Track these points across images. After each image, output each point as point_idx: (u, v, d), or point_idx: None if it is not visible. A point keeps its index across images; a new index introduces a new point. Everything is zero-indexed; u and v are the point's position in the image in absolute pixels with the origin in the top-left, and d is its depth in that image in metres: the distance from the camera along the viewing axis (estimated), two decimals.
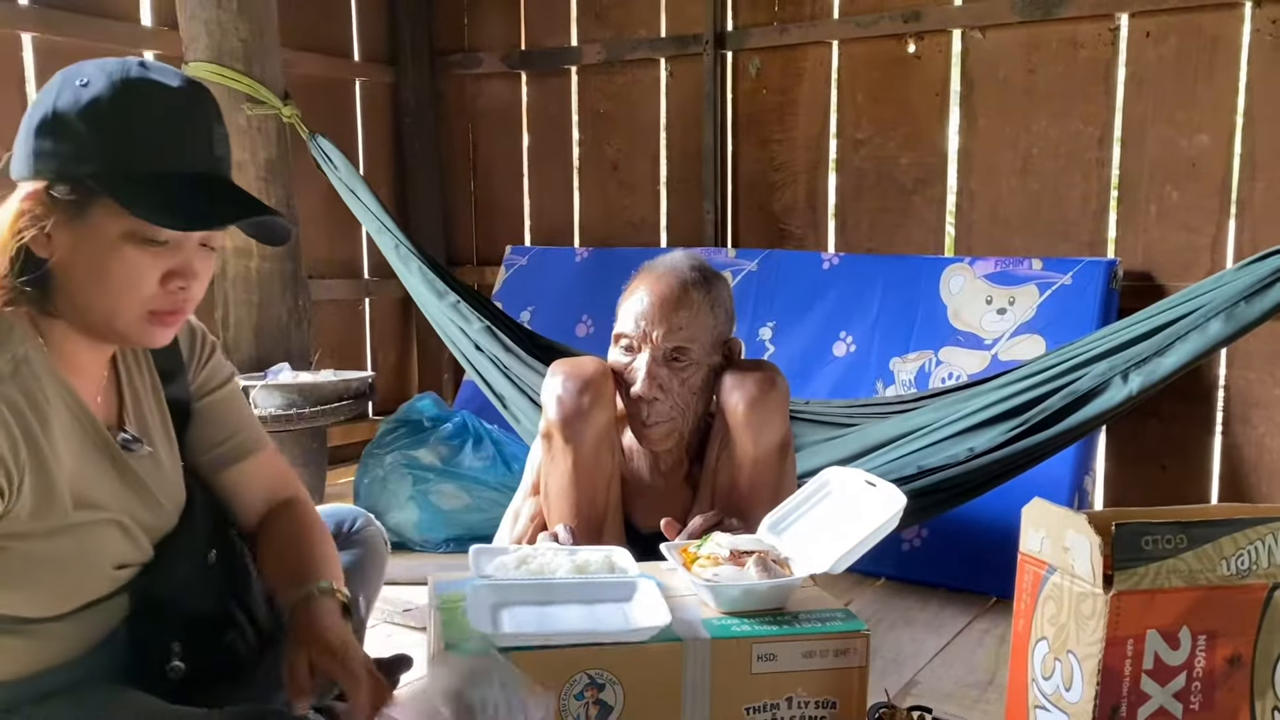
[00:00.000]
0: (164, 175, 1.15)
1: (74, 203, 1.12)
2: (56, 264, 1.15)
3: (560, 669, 1.30)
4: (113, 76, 1.15)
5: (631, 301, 1.82)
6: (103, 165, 1.12)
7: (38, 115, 1.15)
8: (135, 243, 1.14)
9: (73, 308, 1.17)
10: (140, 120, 1.15)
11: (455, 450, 2.86)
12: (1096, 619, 1.21)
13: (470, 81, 4.03)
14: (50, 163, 1.13)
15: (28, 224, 1.13)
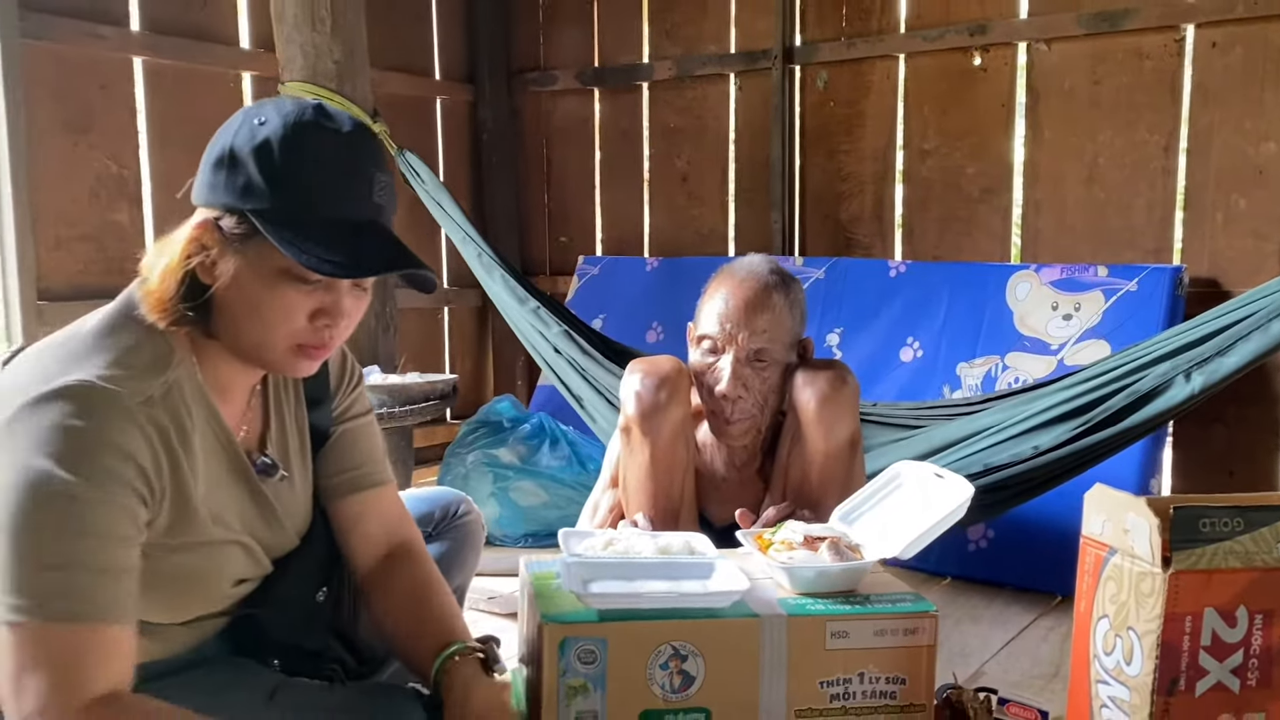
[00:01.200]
0: (324, 220, 1.18)
1: (239, 236, 1.17)
2: (218, 291, 1.19)
3: (647, 639, 1.39)
4: (287, 119, 1.19)
5: (714, 303, 1.91)
6: (267, 204, 1.16)
7: (216, 149, 1.21)
8: (289, 280, 1.19)
9: (228, 333, 1.22)
10: (307, 165, 1.18)
11: (533, 450, 2.98)
12: (1155, 597, 1.28)
13: (545, 98, 4.17)
14: (222, 195, 1.18)
15: (196, 250, 1.18)
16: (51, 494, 1.06)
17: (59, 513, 1.07)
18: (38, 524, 1.06)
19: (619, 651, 1.38)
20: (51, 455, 1.07)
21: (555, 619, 1.37)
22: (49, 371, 1.13)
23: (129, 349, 1.18)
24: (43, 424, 1.09)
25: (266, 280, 1.18)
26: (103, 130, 3.04)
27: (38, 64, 2.87)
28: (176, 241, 1.21)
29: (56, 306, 2.91)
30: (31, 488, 1.06)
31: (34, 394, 1.11)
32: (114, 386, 1.13)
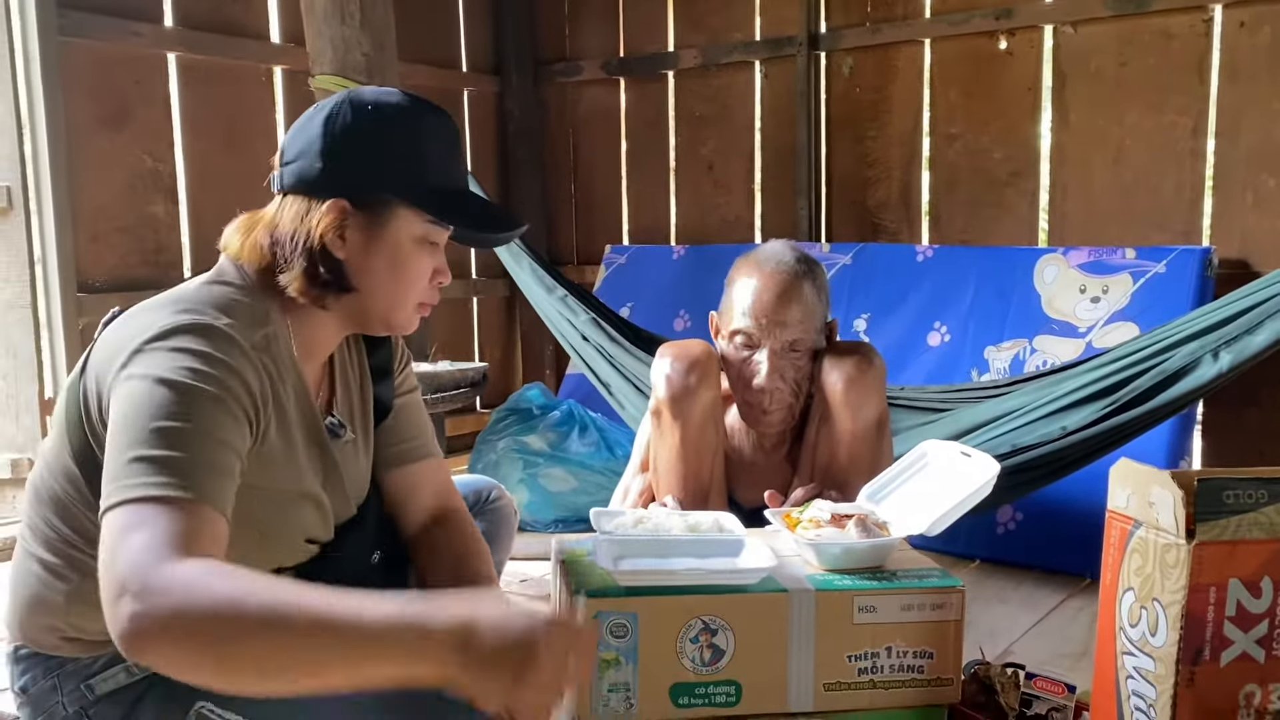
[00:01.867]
0: (450, 191, 1.34)
1: (373, 212, 1.29)
2: (347, 259, 1.30)
3: (678, 614, 1.41)
4: (399, 105, 1.32)
5: (745, 297, 1.92)
6: (406, 182, 1.30)
7: (327, 140, 1.29)
8: (423, 246, 1.33)
9: (360, 298, 1.33)
10: (428, 143, 1.32)
11: (562, 436, 3.02)
12: (1180, 568, 1.29)
13: (571, 88, 4.20)
14: (355, 181, 1.29)
15: (329, 228, 1.28)
16: (173, 394, 1.11)
17: (178, 408, 1.11)
18: (157, 415, 1.10)
19: (650, 625, 1.40)
20: (176, 369, 1.13)
21: (588, 593, 1.39)
22: (162, 318, 1.18)
23: (232, 304, 1.25)
24: (166, 349, 1.15)
25: (405, 248, 1.32)
26: (139, 125, 3.10)
27: (75, 61, 2.93)
28: (309, 225, 1.28)
29: (96, 298, 2.98)
30: (153, 391, 1.11)
31: (157, 329, 1.16)
32: (227, 327, 1.20)
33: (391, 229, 1.31)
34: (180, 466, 1.08)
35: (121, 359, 1.15)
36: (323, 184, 1.29)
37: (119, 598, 0.97)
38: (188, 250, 3.26)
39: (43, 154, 2.86)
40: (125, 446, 1.08)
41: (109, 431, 1.12)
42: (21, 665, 1.33)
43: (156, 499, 1.05)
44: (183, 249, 3.25)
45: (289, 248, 1.28)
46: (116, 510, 1.05)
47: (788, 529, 1.61)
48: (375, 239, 1.31)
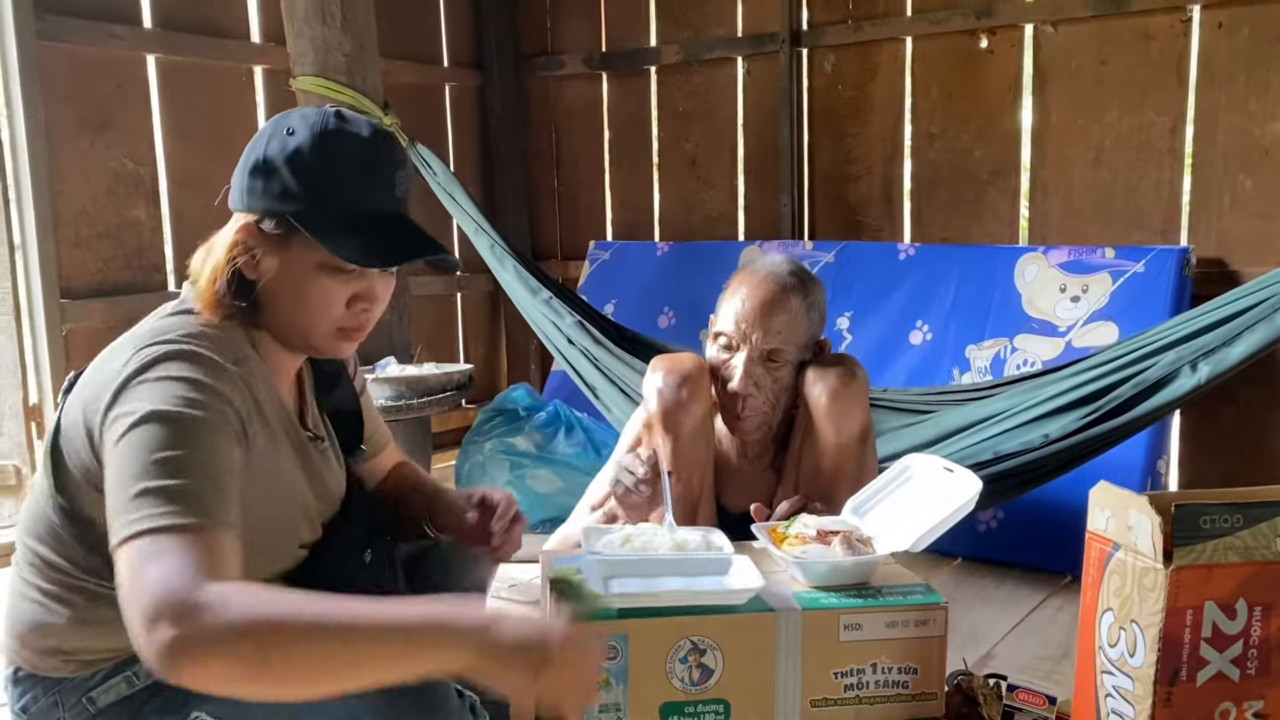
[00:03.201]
0: (355, 215, 1.31)
1: (279, 236, 1.29)
2: (263, 286, 1.32)
3: (667, 634, 1.44)
4: (314, 128, 1.31)
5: (732, 302, 1.95)
6: (304, 206, 1.28)
7: (252, 158, 1.31)
8: (328, 272, 1.31)
9: (276, 323, 1.35)
10: (336, 167, 1.30)
11: (549, 437, 3.04)
12: (1158, 591, 1.33)
13: (553, 83, 4.19)
14: (260, 201, 1.29)
15: (240, 251, 1.29)
16: (168, 425, 1.14)
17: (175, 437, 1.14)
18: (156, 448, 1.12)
19: (640, 646, 1.43)
20: (166, 399, 1.16)
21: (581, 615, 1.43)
22: (141, 352, 1.20)
23: (203, 330, 1.28)
24: (152, 380, 1.18)
25: (308, 273, 1.31)
26: (119, 128, 3.08)
27: (55, 65, 2.91)
28: (221, 244, 1.31)
29: (78, 304, 2.97)
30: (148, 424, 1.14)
31: (138, 363, 1.19)
32: (206, 350, 1.23)
33: (293, 255, 1.31)
34: (188, 494, 1.10)
35: (107, 398, 1.17)
36: (239, 206, 1.32)
37: (154, 624, 1.00)
38: (170, 253, 3.24)
39: (22, 159, 2.84)
40: (129, 481, 1.10)
41: (109, 470, 1.14)
42: (21, 687, 1.35)
43: (171, 528, 1.07)
44: (165, 252, 3.23)
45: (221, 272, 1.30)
46: (132, 543, 1.07)
47: (774, 544, 1.64)
48: (281, 265, 1.31)
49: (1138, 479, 2.60)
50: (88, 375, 1.28)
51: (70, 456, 1.25)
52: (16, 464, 2.96)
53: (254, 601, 1.02)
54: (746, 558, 1.59)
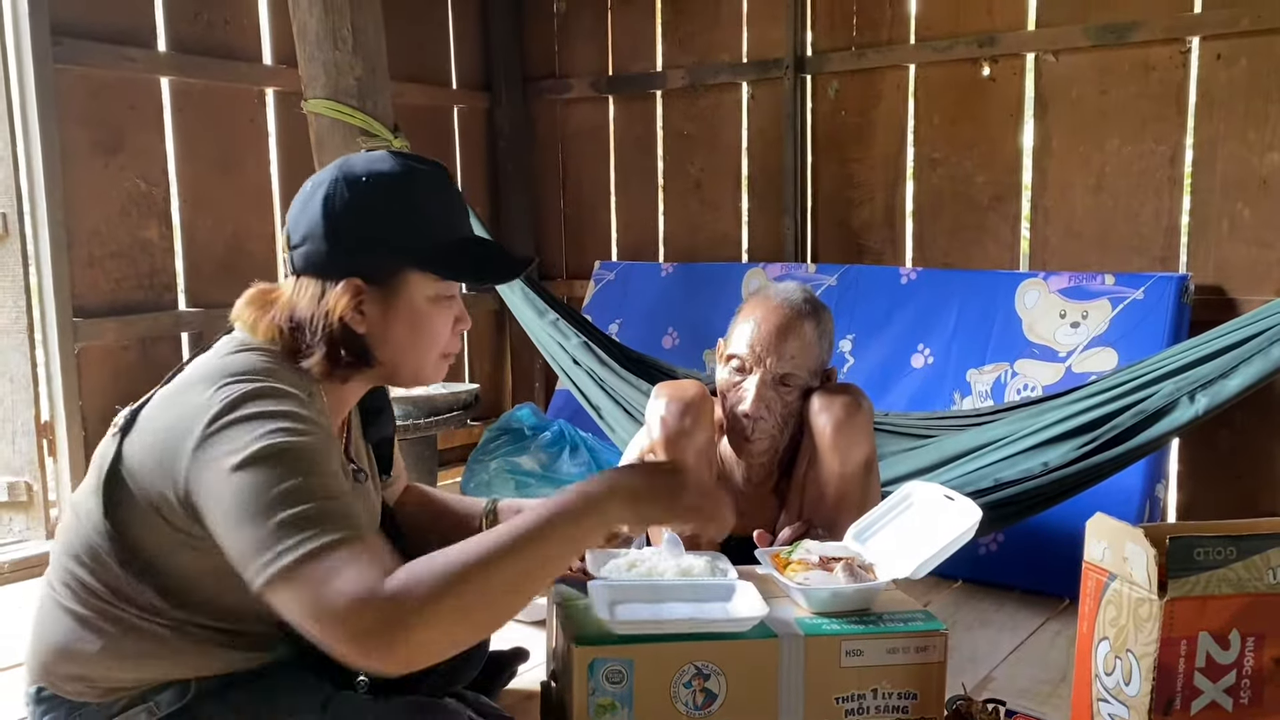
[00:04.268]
0: (456, 244, 1.41)
1: (388, 284, 1.37)
2: (368, 333, 1.37)
3: (671, 660, 1.46)
4: (391, 172, 1.37)
5: (746, 326, 1.99)
6: (411, 248, 1.36)
7: (329, 222, 1.34)
8: (439, 303, 1.41)
9: (385, 364, 1.41)
10: (425, 202, 1.39)
11: (554, 457, 3.07)
12: (1153, 622, 1.36)
13: (560, 105, 4.24)
14: (368, 258, 1.35)
15: (347, 308, 1.34)
16: (280, 458, 1.18)
17: (292, 467, 1.18)
18: (278, 481, 1.16)
19: (645, 671, 1.45)
20: (267, 433, 1.19)
21: (585, 640, 1.45)
22: (221, 392, 1.24)
23: (273, 368, 1.32)
24: (244, 418, 1.21)
25: (421, 309, 1.40)
26: (132, 150, 3.13)
27: (70, 88, 2.95)
28: (324, 309, 1.35)
29: (90, 323, 3.01)
30: (259, 462, 1.17)
31: (222, 402, 1.22)
32: (285, 385, 1.28)
33: (405, 296, 1.38)
34: (325, 514, 1.15)
35: (197, 436, 1.20)
36: (333, 265, 1.35)
37: (364, 631, 1.08)
38: (181, 274, 3.29)
39: (38, 180, 2.88)
40: (260, 517, 1.14)
41: (221, 509, 1.17)
42: (43, 706, 1.37)
43: (326, 546, 1.12)
44: (176, 272, 3.28)
45: (309, 332, 1.35)
46: (295, 573, 1.11)
47: (777, 570, 1.67)
48: (392, 308, 1.38)
49: (1136, 504, 2.63)
50: (154, 414, 1.29)
51: (136, 488, 1.27)
52: (28, 480, 2.99)
53: (430, 568, 1.12)
54: (750, 584, 1.62)
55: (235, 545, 1.16)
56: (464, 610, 1.13)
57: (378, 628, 1.08)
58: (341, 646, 1.09)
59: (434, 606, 1.10)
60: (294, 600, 1.11)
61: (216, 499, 1.18)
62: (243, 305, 1.40)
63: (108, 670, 1.33)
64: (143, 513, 1.27)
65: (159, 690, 1.34)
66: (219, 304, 3.33)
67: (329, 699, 1.40)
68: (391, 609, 1.08)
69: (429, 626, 1.10)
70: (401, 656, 1.09)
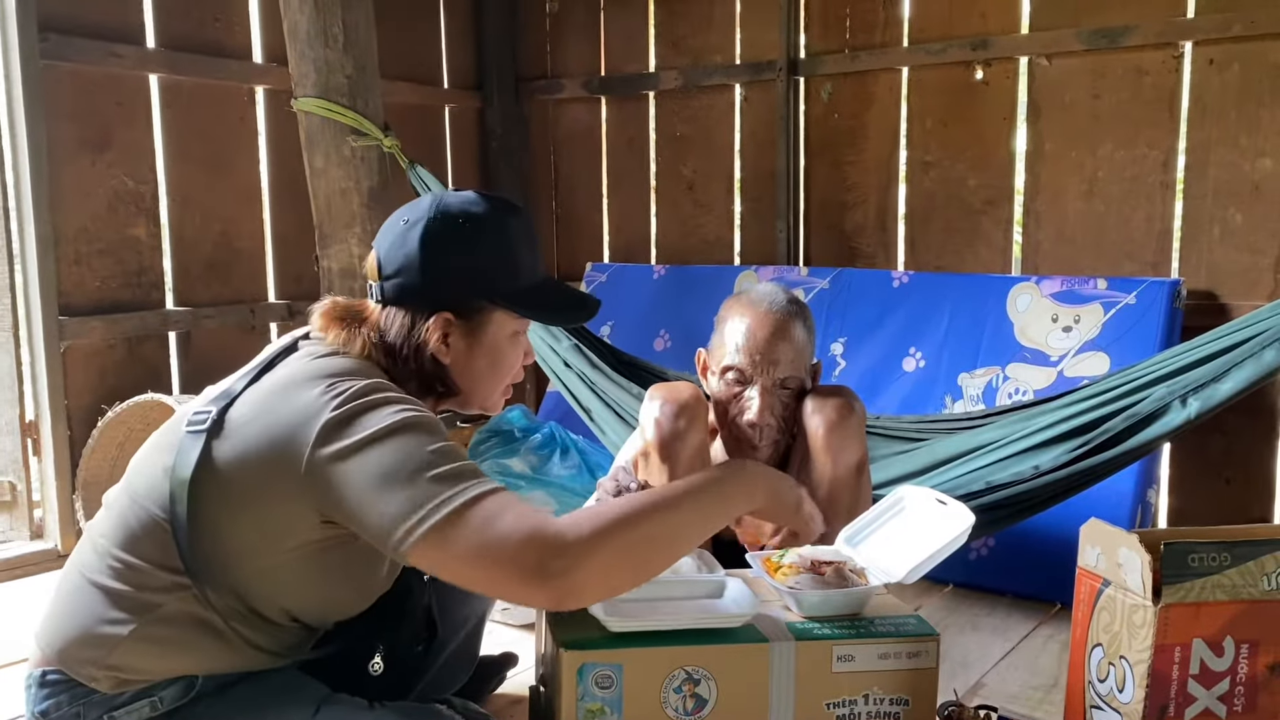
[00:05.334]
0: (535, 286, 1.51)
1: (473, 318, 1.45)
2: (452, 364, 1.46)
3: (661, 664, 1.45)
4: (486, 215, 1.46)
5: (739, 336, 1.98)
6: (501, 288, 1.46)
7: (427, 256, 1.42)
8: (516, 338, 1.51)
9: (462, 392, 1.50)
10: (516, 246, 1.48)
11: (544, 460, 3.04)
12: (1147, 628, 1.35)
13: (553, 106, 4.22)
14: (456, 293, 1.44)
15: (437, 342, 1.43)
16: (421, 427, 1.27)
17: (434, 435, 1.27)
18: (425, 444, 1.25)
19: (634, 676, 1.44)
20: (393, 413, 1.27)
21: (573, 645, 1.43)
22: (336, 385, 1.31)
23: (368, 369, 1.40)
24: (374, 402, 1.29)
25: (502, 345, 1.49)
26: (120, 147, 3.10)
27: (57, 84, 2.93)
28: (421, 341, 1.43)
29: (76, 321, 2.98)
30: (408, 429, 1.26)
31: (342, 393, 1.29)
32: (393, 386, 1.37)
33: (490, 332, 1.47)
34: (476, 470, 1.25)
35: (313, 434, 1.26)
36: (425, 298, 1.44)
37: (537, 563, 1.17)
38: (169, 272, 3.26)
39: (24, 177, 2.86)
40: (416, 474, 1.22)
41: (365, 486, 1.23)
42: (47, 690, 1.38)
43: (488, 492, 1.22)
44: (164, 271, 3.25)
45: (401, 359, 1.43)
46: (460, 516, 1.19)
47: (768, 574, 1.66)
48: (476, 343, 1.47)
49: (1128, 508, 2.62)
50: (255, 414, 1.32)
51: (234, 488, 1.31)
52: (12, 480, 2.96)
53: (594, 513, 1.23)
54: (740, 580, 1.61)
55: (383, 510, 1.21)
56: (624, 552, 1.23)
57: (545, 559, 1.17)
58: (506, 580, 1.18)
59: (598, 544, 1.19)
60: (458, 542, 1.18)
61: (356, 476, 1.23)
62: (327, 319, 1.46)
63: (127, 657, 1.34)
64: (236, 508, 1.31)
65: (165, 685, 1.36)
66: (206, 303, 3.31)
67: (323, 701, 1.41)
68: (559, 543, 1.18)
69: (591, 564, 1.19)
70: (562, 590, 1.18)
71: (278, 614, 1.40)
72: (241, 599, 1.36)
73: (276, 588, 1.38)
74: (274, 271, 3.50)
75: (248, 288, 3.44)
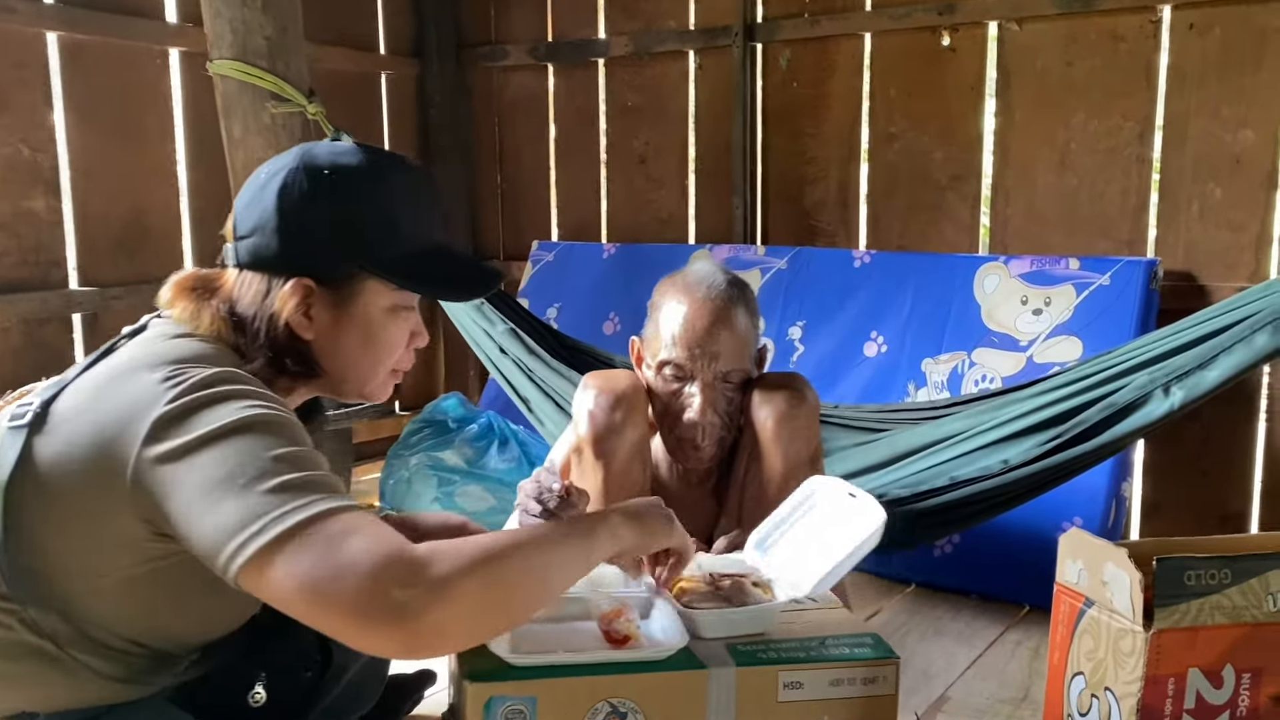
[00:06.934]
0: (418, 253, 1.29)
1: (339, 288, 1.25)
2: (315, 340, 1.26)
3: (581, 697, 1.27)
4: (358, 167, 1.26)
5: (676, 325, 1.78)
6: (372, 253, 1.25)
7: (284, 215, 1.23)
8: (398, 313, 1.29)
9: (330, 375, 1.29)
10: (394, 205, 1.27)
11: (480, 452, 2.84)
12: (1136, 657, 1.17)
13: (497, 74, 4.00)
14: (319, 256, 1.24)
15: (294, 311, 1.23)
16: (268, 426, 1.09)
17: (281, 438, 1.09)
18: (269, 448, 1.07)
19: (551, 710, 1.26)
20: (249, 407, 1.10)
21: (480, 676, 1.24)
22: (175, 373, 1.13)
23: (217, 355, 1.21)
24: (217, 395, 1.10)
25: (377, 319, 1.28)
26: (15, 111, 2.83)
27: None
28: (268, 309, 1.24)
29: None
30: (252, 430, 1.08)
31: (175, 387, 1.10)
32: (238, 369, 1.19)
33: (361, 304, 1.27)
34: (327, 482, 1.07)
35: (144, 428, 1.08)
36: (283, 262, 1.24)
37: (383, 591, 0.98)
38: (72, 250, 3.00)
39: None
40: (253, 483, 1.03)
41: (195, 493, 1.05)
42: None
43: (341, 509, 1.04)
44: (66, 248, 2.99)
45: (252, 332, 1.24)
46: (303, 532, 1.00)
47: (666, 589, 1.48)
48: (344, 316, 1.27)
49: (1102, 505, 2.46)
50: (83, 405, 1.14)
51: (56, 488, 1.12)
52: None
53: (456, 547, 1.04)
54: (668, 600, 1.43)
55: (214, 521, 1.03)
56: (490, 591, 1.05)
57: (397, 590, 0.98)
58: (349, 615, 0.98)
59: (462, 580, 1.02)
60: (292, 565, 0.99)
61: (185, 482, 1.05)
62: (176, 291, 1.27)
63: None
64: (59, 516, 1.13)
65: None
66: (115, 283, 3.06)
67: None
68: (413, 575, 0.99)
69: (454, 602, 1.01)
70: (415, 632, 0.99)
71: (116, 640, 1.20)
72: (71, 622, 1.16)
73: (111, 610, 1.18)
74: (191, 249, 3.25)
75: (161, 267, 3.10)
